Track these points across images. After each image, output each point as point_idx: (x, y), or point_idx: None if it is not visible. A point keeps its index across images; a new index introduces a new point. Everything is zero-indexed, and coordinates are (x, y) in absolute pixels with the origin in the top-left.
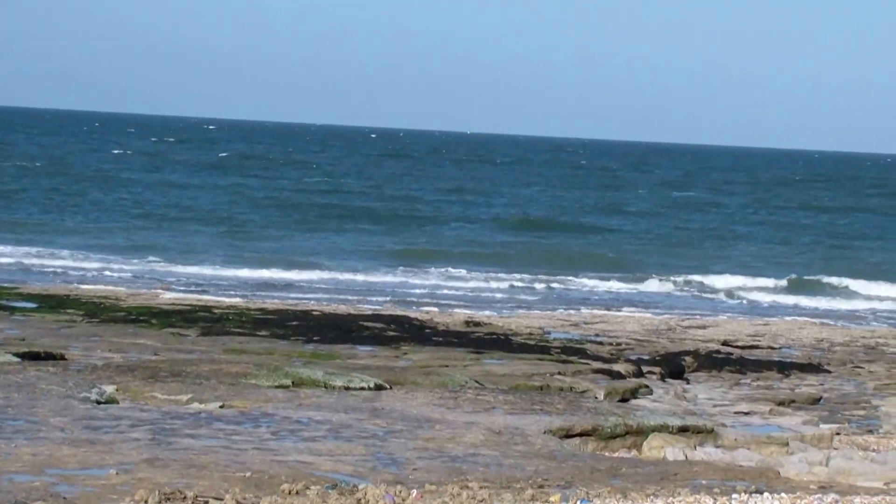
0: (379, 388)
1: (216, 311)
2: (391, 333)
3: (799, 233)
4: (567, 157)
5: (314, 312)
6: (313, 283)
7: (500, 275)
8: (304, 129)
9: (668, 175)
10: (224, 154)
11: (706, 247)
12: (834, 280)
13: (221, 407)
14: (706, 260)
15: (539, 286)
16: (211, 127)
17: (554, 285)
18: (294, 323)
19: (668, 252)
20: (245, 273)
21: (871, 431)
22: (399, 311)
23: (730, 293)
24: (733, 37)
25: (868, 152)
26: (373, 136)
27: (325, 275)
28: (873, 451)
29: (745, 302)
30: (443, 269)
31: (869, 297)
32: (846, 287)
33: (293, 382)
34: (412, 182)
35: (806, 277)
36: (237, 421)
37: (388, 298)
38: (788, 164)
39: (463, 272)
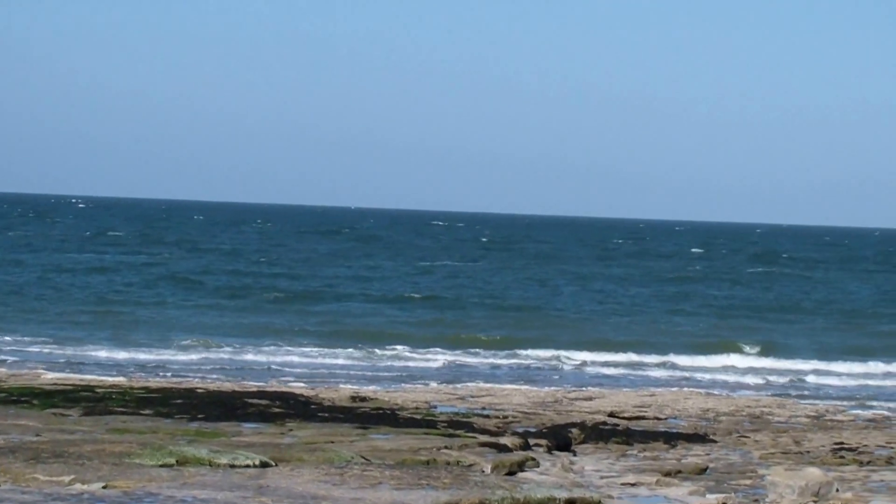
0: (264, 465)
1: (99, 390)
2: (276, 410)
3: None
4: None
5: (198, 390)
6: (193, 362)
7: (385, 350)
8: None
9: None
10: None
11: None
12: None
13: (104, 488)
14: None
15: (428, 361)
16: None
17: (445, 359)
18: (178, 401)
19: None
20: (125, 354)
21: (757, 501)
22: (284, 388)
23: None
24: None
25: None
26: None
27: (208, 353)
28: None
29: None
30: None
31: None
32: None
33: (177, 461)
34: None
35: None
36: (121, 501)
37: (271, 376)
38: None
39: (351, 351)
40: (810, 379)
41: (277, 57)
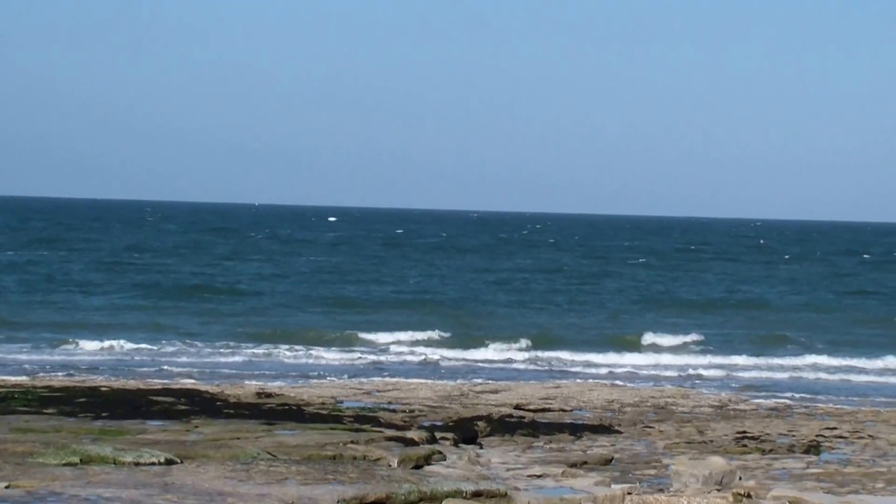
0: (170, 462)
1: (0, 389)
2: (181, 407)
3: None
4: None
5: (102, 388)
6: (95, 362)
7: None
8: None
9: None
10: None
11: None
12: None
13: (7, 487)
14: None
15: (332, 356)
16: None
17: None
18: (82, 399)
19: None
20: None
21: (661, 490)
22: (189, 385)
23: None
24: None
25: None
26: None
27: (110, 352)
28: None
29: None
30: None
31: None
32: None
33: (81, 460)
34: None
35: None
36: (24, 501)
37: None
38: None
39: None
40: (711, 373)
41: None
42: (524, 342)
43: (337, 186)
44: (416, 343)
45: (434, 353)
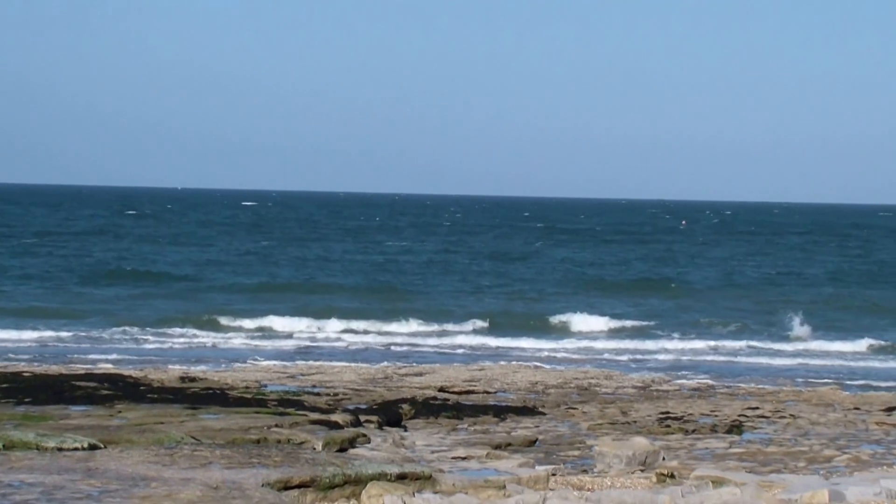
0: (93, 447)
1: None
2: (105, 392)
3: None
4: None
5: (24, 374)
6: (9, 349)
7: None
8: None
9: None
10: None
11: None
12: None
13: None
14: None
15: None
16: None
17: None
18: (3, 385)
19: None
20: None
21: (585, 471)
22: (112, 370)
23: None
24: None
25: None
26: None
27: (29, 337)
28: (588, 490)
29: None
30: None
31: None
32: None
33: (3, 445)
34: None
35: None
36: None
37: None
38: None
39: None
40: (634, 354)
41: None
42: (448, 325)
43: (260, 170)
44: (345, 331)
45: (357, 337)
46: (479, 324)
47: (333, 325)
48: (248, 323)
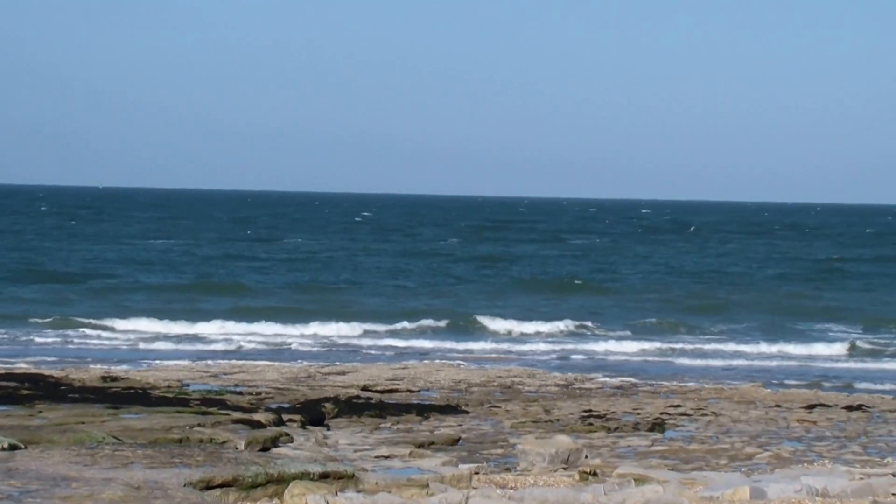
0: (13, 447)
1: None
2: (25, 392)
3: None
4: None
5: None
6: None
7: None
8: None
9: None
10: None
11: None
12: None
13: None
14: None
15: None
16: None
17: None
18: None
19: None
20: None
21: (508, 469)
22: (33, 369)
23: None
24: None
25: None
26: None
27: None
28: (511, 488)
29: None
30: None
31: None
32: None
33: None
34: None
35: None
36: None
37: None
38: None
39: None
40: (559, 352)
41: None
42: (372, 324)
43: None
44: (268, 332)
45: (279, 337)
46: (404, 323)
47: (256, 325)
48: (170, 323)
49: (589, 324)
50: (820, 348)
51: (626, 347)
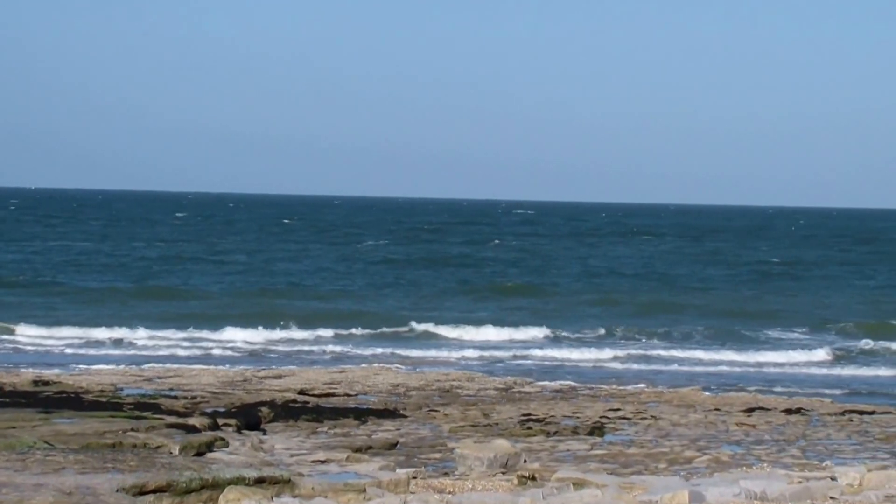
0: None
1: None
2: None
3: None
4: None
5: None
6: None
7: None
8: None
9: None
10: None
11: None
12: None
13: None
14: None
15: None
16: None
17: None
18: None
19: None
20: None
21: (447, 474)
22: None
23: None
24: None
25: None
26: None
27: None
28: (449, 493)
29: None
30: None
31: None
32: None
33: None
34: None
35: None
36: None
37: None
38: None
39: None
40: (496, 356)
41: None
42: (309, 328)
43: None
44: (201, 338)
45: (217, 341)
46: (341, 327)
47: (191, 329)
48: (104, 327)
49: (529, 327)
50: (762, 352)
51: (566, 352)
